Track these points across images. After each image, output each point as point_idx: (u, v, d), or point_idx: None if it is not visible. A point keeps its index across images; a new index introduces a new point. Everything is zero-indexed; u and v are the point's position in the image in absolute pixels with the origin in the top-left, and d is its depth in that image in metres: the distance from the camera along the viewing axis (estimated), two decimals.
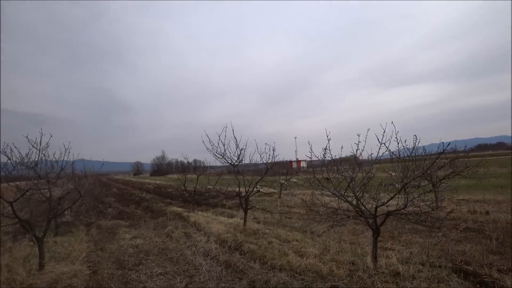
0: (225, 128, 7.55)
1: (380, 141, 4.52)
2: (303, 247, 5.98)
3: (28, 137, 5.66)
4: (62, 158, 6.40)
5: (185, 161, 15.54)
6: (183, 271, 5.33)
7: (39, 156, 5.87)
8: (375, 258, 4.89)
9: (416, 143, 4.69)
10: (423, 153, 7.24)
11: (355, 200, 4.83)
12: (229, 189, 9.16)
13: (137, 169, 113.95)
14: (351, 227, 7.61)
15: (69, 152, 6.37)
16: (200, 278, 4.90)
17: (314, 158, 5.30)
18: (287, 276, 4.76)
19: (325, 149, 4.98)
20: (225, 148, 7.77)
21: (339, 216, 5.28)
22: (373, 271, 4.58)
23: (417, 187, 4.53)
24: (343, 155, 5.28)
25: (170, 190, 23.66)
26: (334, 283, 4.36)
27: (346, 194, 4.89)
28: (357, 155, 4.84)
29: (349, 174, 4.82)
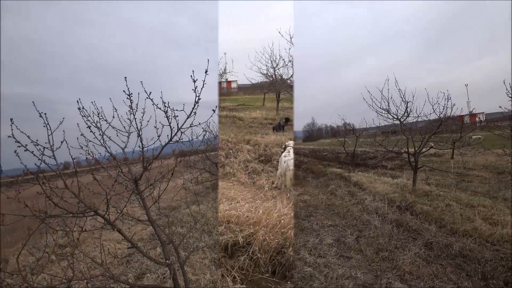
0: (387, 81, 7.04)
1: None
2: (494, 214, 5.03)
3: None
4: None
5: (340, 124, 15.44)
6: (352, 226, 5.61)
7: None
8: None
9: None
10: None
11: None
12: (395, 148, 8.42)
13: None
14: None
15: None
16: (370, 233, 5.02)
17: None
18: (475, 243, 4.15)
19: None
20: (389, 102, 7.23)
21: None
22: None
23: None
24: None
25: (325, 153, 24.37)
26: None
27: None
28: None
29: None
